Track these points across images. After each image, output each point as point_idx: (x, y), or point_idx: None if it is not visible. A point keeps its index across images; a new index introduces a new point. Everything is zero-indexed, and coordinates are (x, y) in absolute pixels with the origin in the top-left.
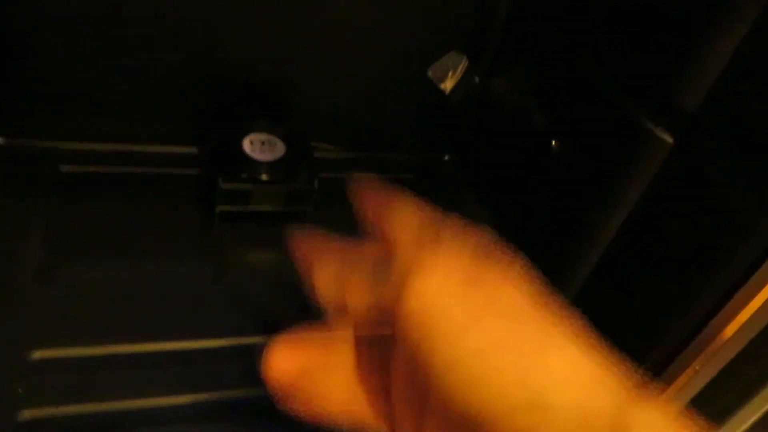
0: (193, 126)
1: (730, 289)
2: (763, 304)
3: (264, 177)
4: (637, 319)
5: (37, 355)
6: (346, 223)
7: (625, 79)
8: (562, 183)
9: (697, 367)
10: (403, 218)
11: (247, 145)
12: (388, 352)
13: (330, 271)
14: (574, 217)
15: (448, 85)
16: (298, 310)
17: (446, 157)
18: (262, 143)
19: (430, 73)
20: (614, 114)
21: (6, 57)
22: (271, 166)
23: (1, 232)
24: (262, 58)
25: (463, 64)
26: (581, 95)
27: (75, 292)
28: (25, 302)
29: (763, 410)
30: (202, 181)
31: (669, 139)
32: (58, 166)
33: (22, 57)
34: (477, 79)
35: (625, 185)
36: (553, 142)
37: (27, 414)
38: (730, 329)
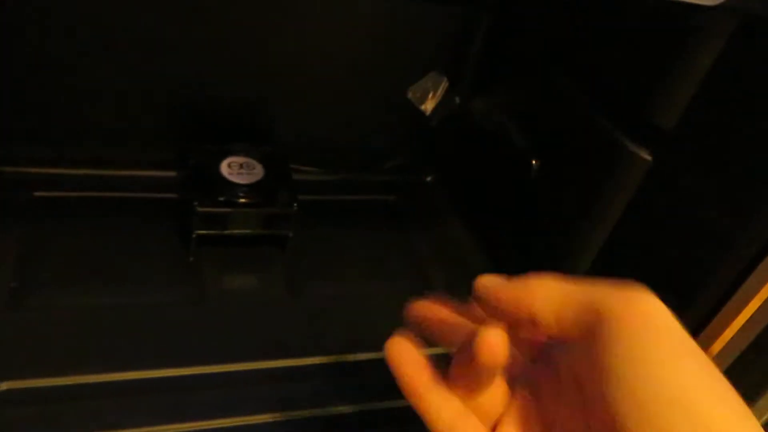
0: (170, 150)
1: (717, 302)
2: (748, 319)
3: (242, 200)
4: None
5: (4, 386)
6: (326, 247)
7: (603, 98)
8: (544, 202)
9: None
10: (550, 295)
11: (224, 168)
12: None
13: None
14: (558, 236)
15: (428, 106)
16: (277, 335)
17: (429, 178)
18: (240, 166)
19: (410, 95)
20: (594, 133)
21: None
22: (250, 188)
23: None
24: (239, 81)
25: (443, 85)
26: (560, 115)
27: (47, 320)
28: None
29: None
30: (179, 204)
31: (647, 156)
32: (32, 192)
33: None
34: (457, 99)
35: (607, 202)
36: (534, 162)
37: None
38: (719, 343)
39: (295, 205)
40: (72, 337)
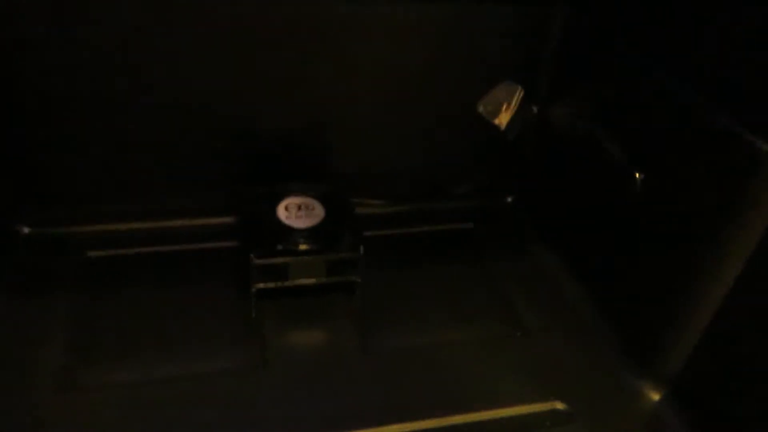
0: (224, 194)
1: None
2: None
3: (302, 246)
4: None
5: None
6: (399, 291)
7: (728, 97)
8: (653, 223)
9: None
10: None
11: (281, 211)
12: None
13: None
14: (674, 267)
15: (502, 120)
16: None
17: (509, 200)
18: (299, 207)
19: (480, 109)
20: (719, 137)
21: (24, 145)
22: (310, 233)
23: (22, 334)
24: (289, 113)
25: (518, 95)
26: (669, 117)
27: (99, 401)
28: (44, 415)
29: None
30: (237, 254)
31: None
32: (85, 252)
33: (39, 143)
34: (535, 109)
35: (741, 223)
36: (637, 175)
37: None
38: None
39: (361, 248)
40: (125, 418)
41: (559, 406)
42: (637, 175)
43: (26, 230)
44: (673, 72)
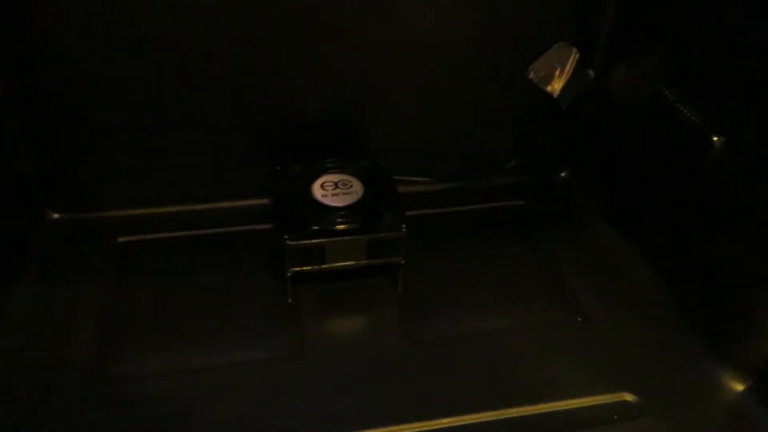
0: (260, 175)
1: None
2: None
3: (340, 226)
4: None
5: None
6: (446, 273)
7: None
8: (734, 195)
9: None
10: None
11: (317, 190)
12: None
13: None
14: (759, 244)
15: (556, 87)
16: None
17: (563, 174)
18: (335, 185)
19: (531, 75)
20: None
21: (52, 131)
22: (348, 211)
23: (51, 321)
24: (330, 90)
25: (572, 58)
26: (754, 69)
27: (131, 393)
28: (75, 405)
29: None
30: (272, 237)
31: None
32: (116, 238)
33: (66, 129)
34: (591, 73)
35: None
36: (714, 139)
37: None
38: None
39: (403, 227)
40: (157, 410)
41: (628, 397)
42: (715, 138)
43: (55, 216)
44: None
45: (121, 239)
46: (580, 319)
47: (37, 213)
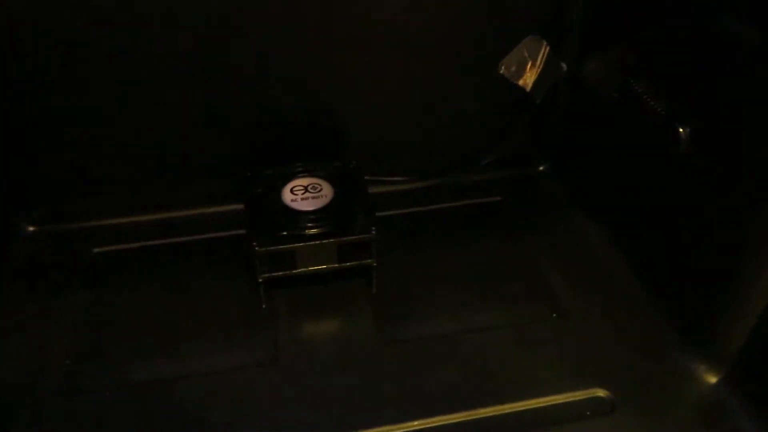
0: (232, 181)
1: None
2: None
3: (310, 231)
4: None
5: None
6: (423, 272)
7: None
8: (704, 187)
9: None
10: None
11: (287, 194)
12: None
13: None
14: (731, 236)
15: (528, 81)
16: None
17: (541, 168)
18: (305, 189)
19: (502, 70)
20: None
21: (24, 143)
22: (318, 215)
23: (26, 333)
24: (300, 90)
25: (543, 51)
26: (719, 61)
27: (105, 404)
28: (50, 417)
29: None
30: (244, 243)
31: None
32: (91, 249)
33: (39, 141)
34: (564, 66)
35: None
36: (681, 130)
37: None
38: None
39: (373, 229)
40: (132, 419)
41: (601, 393)
42: (681, 129)
43: (30, 228)
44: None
45: (96, 250)
46: (555, 314)
47: (11, 226)
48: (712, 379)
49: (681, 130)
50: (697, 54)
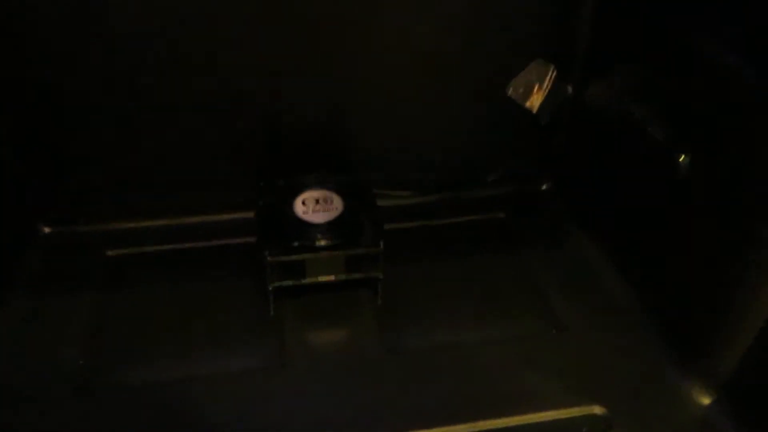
0: (245, 189)
1: None
2: None
3: (320, 242)
4: None
5: None
6: (427, 286)
7: None
8: (703, 212)
9: None
10: None
11: (298, 206)
12: None
13: None
14: (728, 260)
15: (534, 102)
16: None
17: (544, 187)
18: (316, 201)
19: (510, 92)
20: None
21: (41, 146)
22: (328, 228)
23: (39, 335)
24: (313, 103)
25: (550, 74)
26: (719, 92)
27: (118, 404)
28: (62, 417)
29: None
30: (256, 251)
31: None
32: (104, 251)
33: (56, 144)
34: (569, 89)
35: None
36: (681, 157)
37: None
38: None
39: (381, 243)
40: (142, 421)
41: (598, 410)
42: (682, 157)
43: (46, 230)
44: (725, 42)
45: (110, 253)
46: (554, 330)
47: (27, 227)
48: (705, 401)
49: (682, 158)
50: (698, 84)
